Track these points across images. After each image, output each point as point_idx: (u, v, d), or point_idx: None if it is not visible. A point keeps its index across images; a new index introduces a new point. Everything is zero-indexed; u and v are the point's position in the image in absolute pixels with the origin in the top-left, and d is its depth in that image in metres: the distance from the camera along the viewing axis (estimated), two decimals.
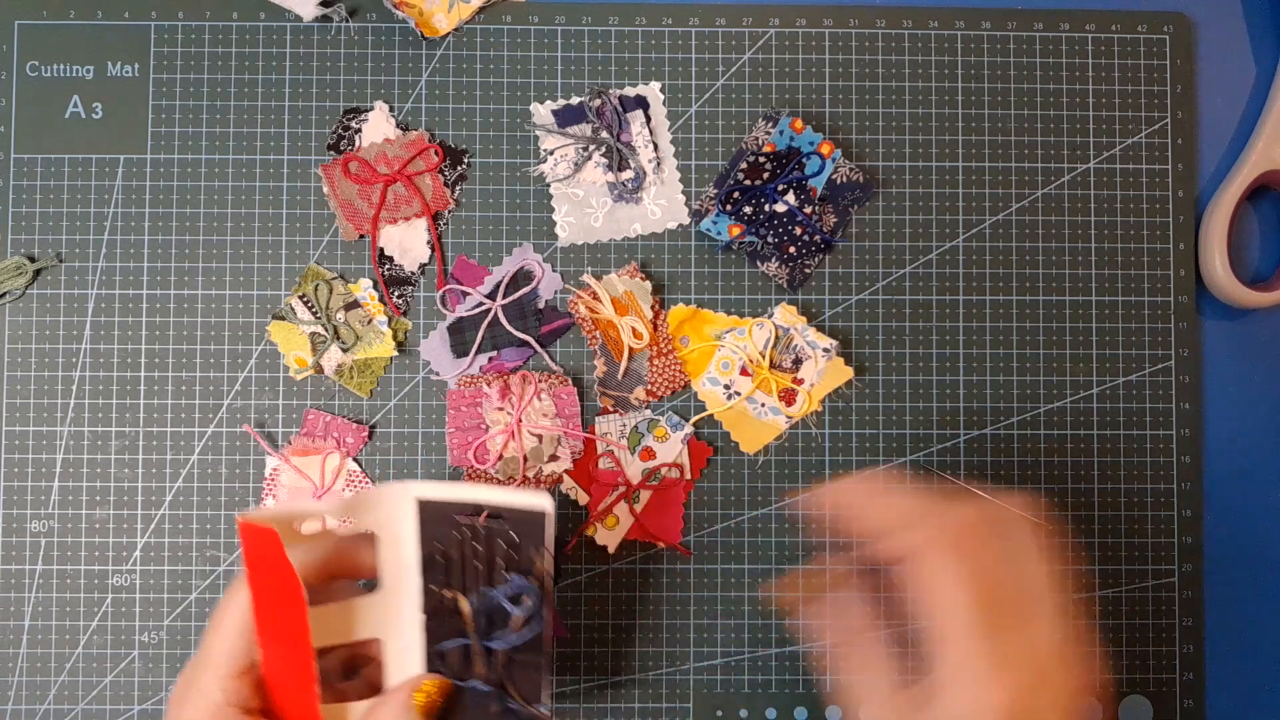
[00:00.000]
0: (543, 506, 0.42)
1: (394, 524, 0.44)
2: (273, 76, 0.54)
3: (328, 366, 0.53)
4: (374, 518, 0.44)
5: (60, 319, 0.53)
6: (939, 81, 0.55)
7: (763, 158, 0.54)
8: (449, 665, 0.43)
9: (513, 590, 0.43)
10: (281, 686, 0.41)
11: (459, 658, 0.43)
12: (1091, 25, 0.56)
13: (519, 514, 0.43)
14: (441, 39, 0.55)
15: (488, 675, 0.43)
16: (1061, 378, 0.55)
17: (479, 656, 0.43)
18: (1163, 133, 0.56)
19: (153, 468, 0.53)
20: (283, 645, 0.41)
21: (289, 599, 0.40)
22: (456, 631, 0.43)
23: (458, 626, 0.43)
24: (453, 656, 0.43)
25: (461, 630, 0.43)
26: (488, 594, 0.43)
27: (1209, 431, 0.55)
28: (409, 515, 0.43)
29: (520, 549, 0.43)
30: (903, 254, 0.55)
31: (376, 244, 0.54)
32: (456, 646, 0.43)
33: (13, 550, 0.53)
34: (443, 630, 0.43)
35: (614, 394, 0.54)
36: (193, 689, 0.41)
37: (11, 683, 0.52)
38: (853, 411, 0.54)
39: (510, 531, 0.43)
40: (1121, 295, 0.55)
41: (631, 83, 0.55)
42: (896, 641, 0.41)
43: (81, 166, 0.54)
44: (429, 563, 0.43)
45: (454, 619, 0.43)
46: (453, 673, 0.43)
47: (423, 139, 0.54)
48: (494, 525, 0.43)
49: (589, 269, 0.54)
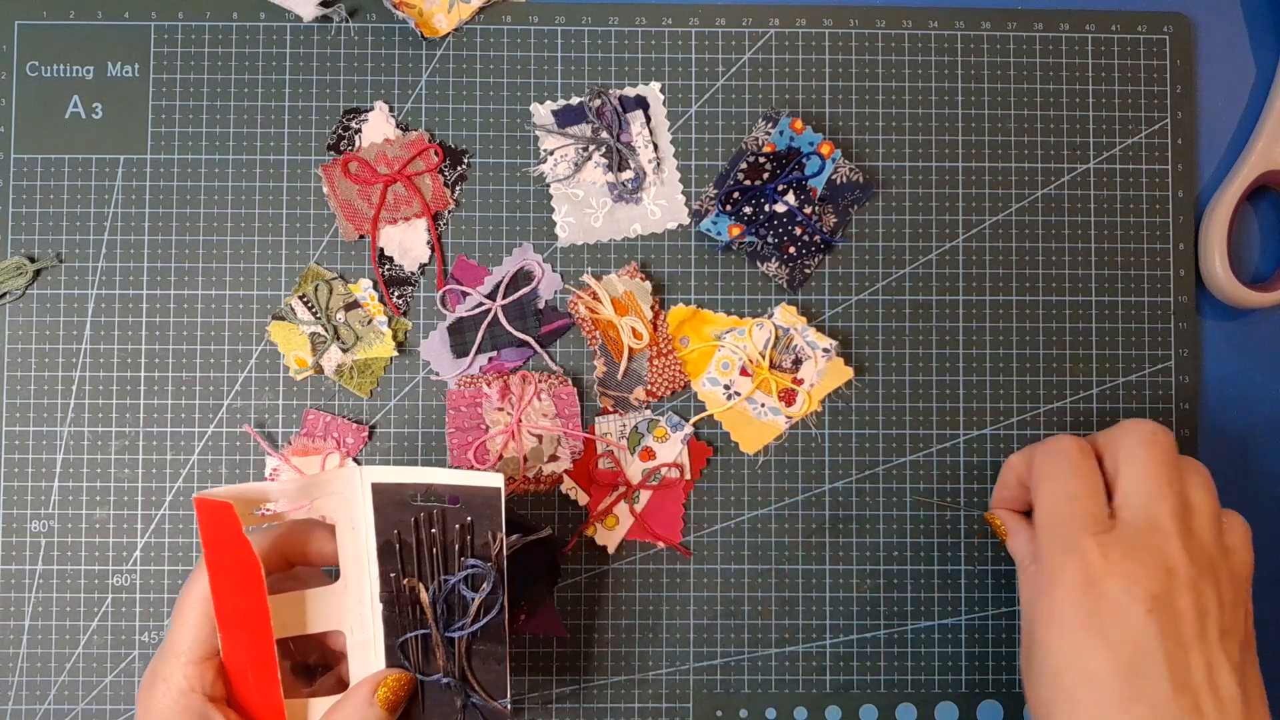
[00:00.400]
0: (495, 484, 0.42)
1: (350, 509, 0.44)
2: (273, 77, 0.54)
3: (328, 367, 0.53)
4: (330, 503, 0.44)
5: (60, 319, 0.53)
6: (939, 81, 0.55)
7: (763, 158, 0.54)
8: (410, 657, 0.43)
9: (470, 573, 0.43)
10: (243, 674, 0.41)
11: (420, 649, 0.43)
12: (1091, 25, 0.56)
13: (473, 494, 0.43)
14: (441, 39, 0.55)
15: (449, 667, 0.43)
16: (1061, 378, 0.55)
17: (440, 648, 0.43)
18: (1163, 133, 0.56)
19: (153, 468, 0.53)
20: (243, 631, 0.41)
21: (248, 581, 0.40)
22: (416, 622, 0.43)
23: (417, 616, 0.43)
24: (413, 648, 0.43)
25: (422, 620, 0.43)
26: (446, 581, 0.43)
27: (1209, 431, 0.55)
28: (364, 500, 0.43)
29: (475, 531, 0.43)
30: (903, 254, 0.55)
31: (376, 244, 0.54)
32: (416, 638, 0.43)
33: (13, 550, 0.53)
34: (403, 621, 0.43)
35: (614, 394, 0.54)
36: (158, 677, 0.42)
37: (11, 683, 0.52)
38: (853, 411, 0.54)
39: (465, 514, 0.43)
40: (1121, 295, 0.55)
41: (631, 83, 0.55)
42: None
43: (81, 166, 0.54)
44: (386, 550, 0.43)
45: (413, 609, 0.43)
46: (414, 665, 0.43)
47: (423, 139, 0.54)
48: (448, 508, 0.43)
49: (589, 269, 0.54)
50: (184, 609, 0.42)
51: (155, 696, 0.41)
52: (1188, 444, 0.55)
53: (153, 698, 0.41)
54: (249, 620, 0.41)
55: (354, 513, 0.44)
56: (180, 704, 0.41)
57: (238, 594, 0.41)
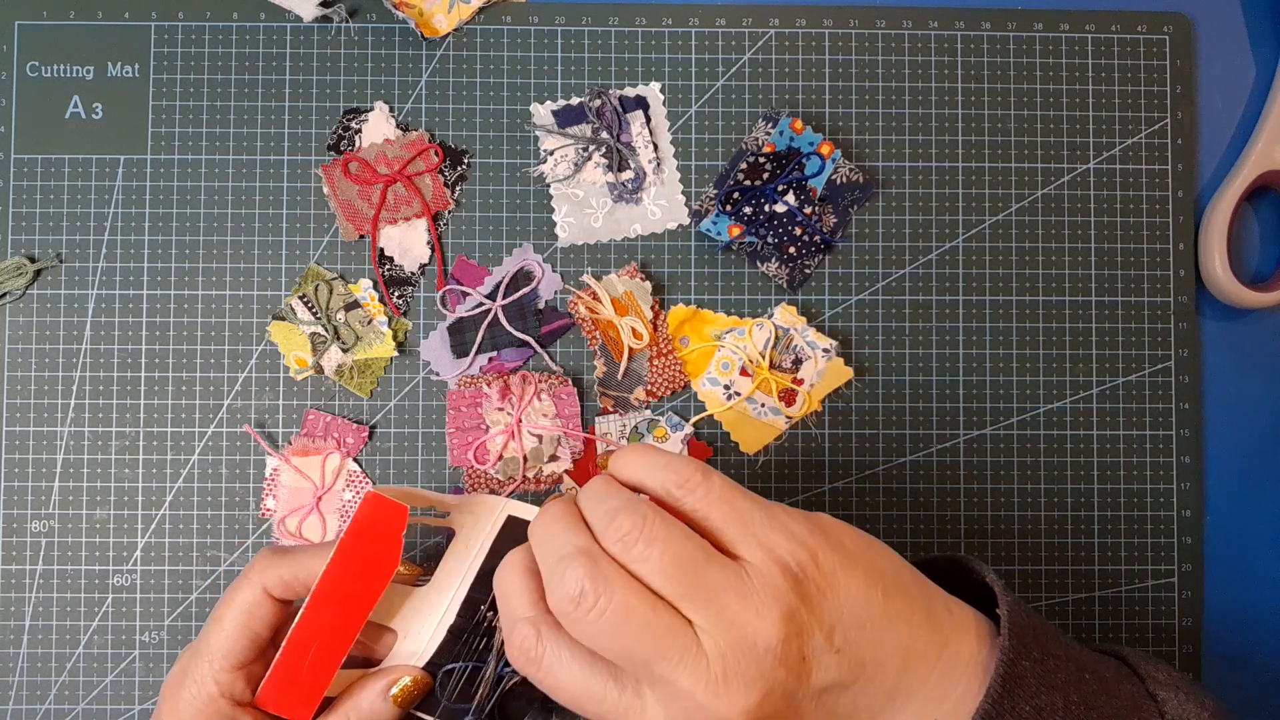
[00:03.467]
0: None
1: (474, 530, 0.44)
2: (273, 77, 0.54)
3: (328, 367, 0.53)
4: (462, 518, 0.45)
5: (60, 319, 0.53)
6: (939, 81, 0.55)
7: (763, 158, 0.54)
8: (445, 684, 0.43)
9: None
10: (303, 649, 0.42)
11: (462, 680, 0.43)
12: (1091, 25, 0.56)
13: None
14: (441, 39, 0.55)
15: (484, 703, 0.43)
16: (1061, 378, 0.55)
17: (486, 685, 0.43)
18: (1163, 133, 0.56)
19: (153, 468, 0.53)
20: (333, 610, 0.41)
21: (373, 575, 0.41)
22: (474, 654, 0.43)
23: (478, 649, 0.43)
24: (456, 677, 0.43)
25: (482, 654, 0.43)
26: None
27: (1209, 431, 0.55)
28: (492, 527, 0.44)
29: None
30: (903, 254, 0.55)
31: (376, 244, 0.54)
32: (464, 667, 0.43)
33: (13, 550, 0.53)
34: (461, 650, 0.43)
35: (614, 394, 0.54)
36: (188, 677, 0.42)
37: (11, 683, 0.52)
38: (853, 411, 0.54)
39: None
40: (1121, 295, 0.55)
41: (631, 83, 0.55)
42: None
43: (81, 166, 0.54)
44: (482, 580, 0.44)
45: (480, 641, 0.43)
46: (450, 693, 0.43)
47: (423, 139, 0.54)
48: None
49: (589, 269, 0.54)
50: (224, 615, 0.42)
51: (183, 696, 0.41)
52: (1188, 444, 0.55)
53: (180, 697, 0.42)
54: (346, 605, 0.41)
55: (476, 534, 0.44)
56: (210, 708, 0.41)
57: (353, 581, 0.41)
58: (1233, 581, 0.55)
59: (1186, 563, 0.54)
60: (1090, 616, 0.54)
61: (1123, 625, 0.54)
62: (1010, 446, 0.54)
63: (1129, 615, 0.54)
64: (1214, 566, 0.55)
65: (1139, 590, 0.54)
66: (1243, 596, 0.55)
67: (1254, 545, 0.55)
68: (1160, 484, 0.55)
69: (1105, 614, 0.54)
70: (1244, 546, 0.55)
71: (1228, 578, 0.55)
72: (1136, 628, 0.54)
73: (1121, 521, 0.54)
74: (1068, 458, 0.54)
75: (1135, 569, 0.54)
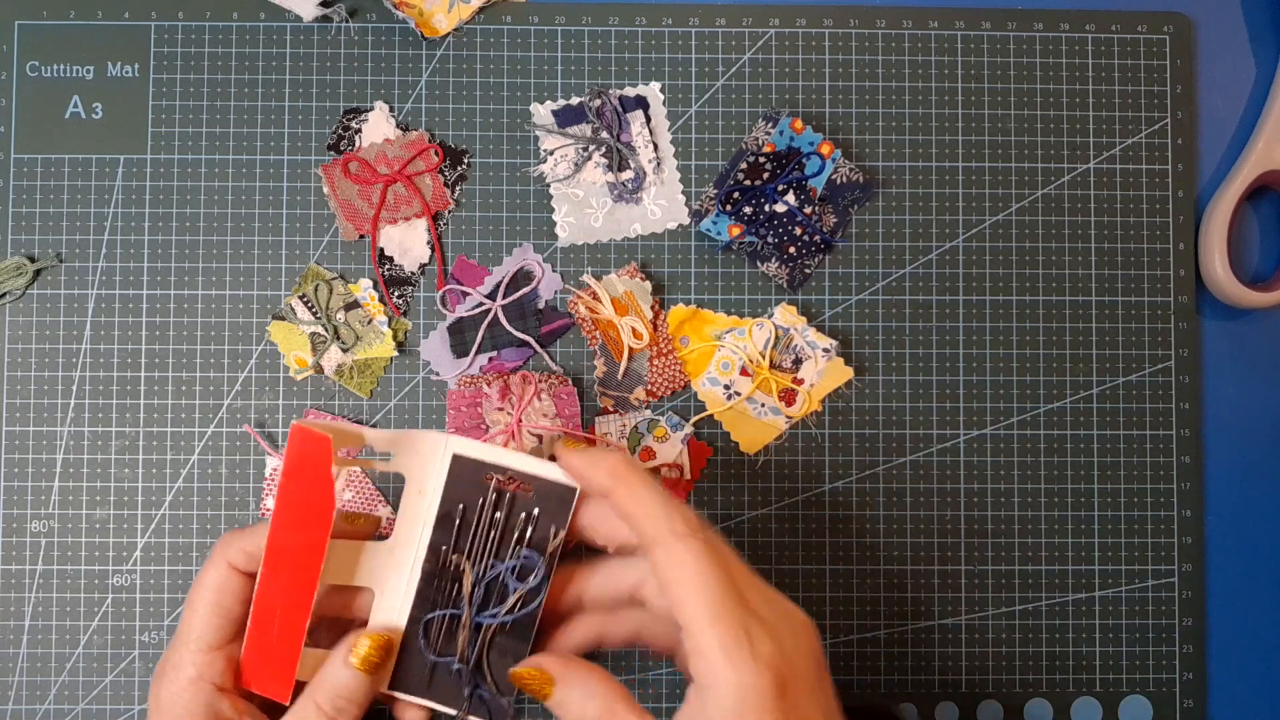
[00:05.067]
0: (573, 484, 0.42)
1: (424, 473, 0.43)
2: (273, 77, 0.54)
3: (328, 367, 0.53)
4: (409, 461, 0.43)
5: (60, 319, 0.53)
6: (939, 81, 0.55)
7: (763, 158, 0.54)
8: (430, 634, 0.43)
9: (521, 563, 0.42)
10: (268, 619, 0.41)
11: (443, 629, 0.43)
12: (1091, 25, 0.56)
13: (549, 488, 0.42)
14: (441, 39, 0.55)
15: (467, 653, 0.42)
16: (1061, 378, 0.55)
17: (465, 631, 0.42)
18: (1163, 133, 0.56)
19: (153, 468, 0.53)
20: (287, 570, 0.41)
21: (314, 518, 0.40)
22: (449, 601, 0.43)
23: (453, 595, 0.43)
24: (437, 626, 0.43)
25: (456, 600, 0.43)
26: (495, 565, 0.42)
27: (1209, 431, 0.55)
28: (440, 468, 0.43)
29: (539, 524, 0.43)
30: (903, 254, 0.55)
31: (376, 244, 0.54)
32: (444, 616, 0.43)
33: (13, 550, 0.53)
34: (436, 597, 0.43)
35: (614, 394, 0.54)
36: (168, 665, 0.42)
37: (11, 683, 0.52)
38: (853, 411, 0.54)
39: (535, 504, 0.42)
40: (1121, 295, 0.55)
41: (631, 83, 0.55)
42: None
43: (81, 166, 0.54)
44: (444, 521, 0.43)
45: (452, 586, 0.43)
46: (434, 644, 0.43)
47: (423, 139, 0.54)
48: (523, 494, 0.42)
49: (589, 269, 0.54)
50: (195, 598, 0.42)
51: (164, 684, 0.41)
52: (1188, 444, 0.55)
53: (161, 686, 0.42)
54: (298, 560, 0.41)
55: (426, 477, 0.43)
56: (189, 691, 0.41)
57: (297, 530, 0.40)
58: (1233, 581, 0.55)
59: (1187, 563, 0.54)
60: (1090, 616, 0.54)
61: (1123, 625, 0.54)
62: (1010, 446, 0.54)
63: (1129, 615, 0.54)
64: (1214, 566, 0.55)
65: (1139, 590, 0.54)
66: (1243, 596, 0.55)
67: (1254, 545, 0.55)
68: (1160, 484, 0.55)
69: (1105, 614, 0.54)
70: (1244, 546, 0.55)
71: (1228, 578, 0.55)
72: (1136, 628, 0.54)
73: (1121, 521, 0.54)
74: (1068, 458, 0.54)
75: (1135, 569, 0.54)
